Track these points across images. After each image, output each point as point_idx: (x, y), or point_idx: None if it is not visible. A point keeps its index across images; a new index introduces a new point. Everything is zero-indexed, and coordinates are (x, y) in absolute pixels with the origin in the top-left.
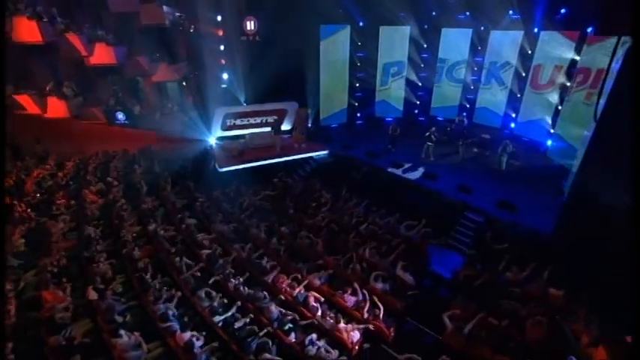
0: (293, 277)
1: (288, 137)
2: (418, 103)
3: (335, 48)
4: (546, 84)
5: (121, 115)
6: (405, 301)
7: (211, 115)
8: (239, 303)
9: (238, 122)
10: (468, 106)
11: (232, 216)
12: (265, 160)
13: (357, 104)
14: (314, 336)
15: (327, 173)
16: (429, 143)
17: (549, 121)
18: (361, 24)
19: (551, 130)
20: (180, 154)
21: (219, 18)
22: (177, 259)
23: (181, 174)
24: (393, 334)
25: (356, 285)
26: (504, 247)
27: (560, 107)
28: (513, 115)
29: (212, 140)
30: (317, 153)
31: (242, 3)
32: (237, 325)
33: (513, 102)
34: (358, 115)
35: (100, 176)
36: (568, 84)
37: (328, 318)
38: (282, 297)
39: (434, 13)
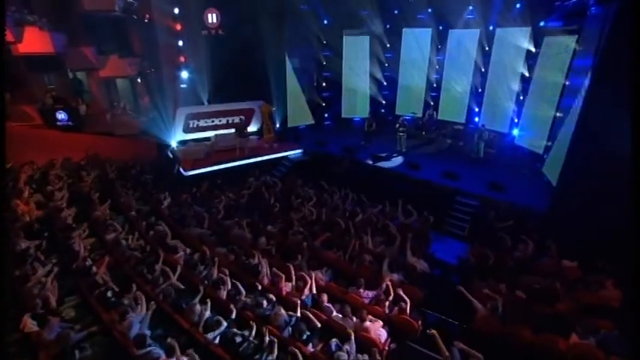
0: (297, 276)
1: (258, 138)
2: (384, 102)
3: (301, 47)
4: (507, 77)
5: (62, 116)
6: (424, 289)
7: (171, 115)
8: (235, 313)
9: (202, 123)
10: (432, 103)
11: (209, 218)
12: (236, 161)
13: (324, 104)
14: (336, 341)
15: (305, 171)
16: (400, 133)
17: (514, 110)
18: (325, 22)
19: (516, 120)
20: (137, 159)
21: (176, 11)
22: (147, 269)
23: (140, 180)
24: (420, 328)
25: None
26: (509, 225)
27: (521, 97)
28: (477, 110)
29: (173, 143)
30: (291, 152)
31: None
32: (238, 339)
33: (476, 97)
34: (326, 115)
35: (37, 187)
36: (527, 74)
37: (349, 317)
38: (287, 300)
39: (395, 12)
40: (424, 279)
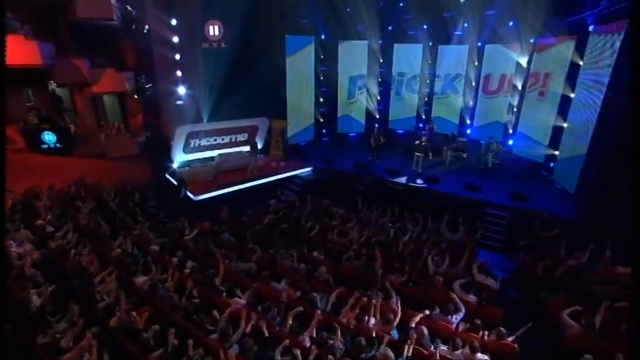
0: (384, 308)
1: (263, 156)
2: (378, 117)
3: (301, 61)
4: (497, 89)
5: (50, 137)
6: (502, 308)
7: (170, 134)
8: None
9: (204, 142)
10: (424, 117)
11: (244, 249)
12: (244, 183)
13: (322, 120)
14: None
15: (319, 190)
16: (419, 154)
17: (508, 122)
18: (323, 37)
19: (510, 131)
20: (131, 183)
21: (174, 22)
22: (204, 317)
23: (145, 208)
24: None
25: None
26: (554, 233)
27: (515, 109)
28: (468, 122)
29: (175, 164)
30: (301, 170)
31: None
32: None
33: (467, 109)
34: (324, 131)
35: (22, 221)
36: (520, 88)
37: (457, 350)
38: (378, 338)
39: (390, 28)
40: (494, 297)
